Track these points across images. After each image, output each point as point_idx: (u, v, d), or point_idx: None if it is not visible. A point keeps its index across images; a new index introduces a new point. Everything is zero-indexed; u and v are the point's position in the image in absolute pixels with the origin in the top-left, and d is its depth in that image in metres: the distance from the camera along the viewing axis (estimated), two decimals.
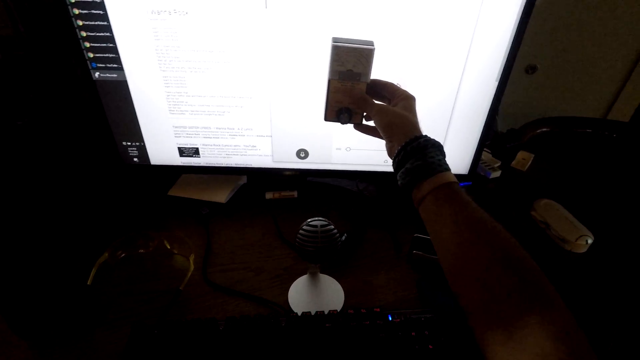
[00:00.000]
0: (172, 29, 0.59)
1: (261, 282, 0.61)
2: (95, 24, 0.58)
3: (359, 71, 0.46)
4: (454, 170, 0.72)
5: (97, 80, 0.64)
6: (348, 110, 0.49)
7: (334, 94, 0.48)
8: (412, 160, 0.41)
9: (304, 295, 0.58)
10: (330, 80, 0.47)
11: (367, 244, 0.69)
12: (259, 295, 0.59)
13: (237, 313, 0.56)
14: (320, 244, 0.50)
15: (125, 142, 0.71)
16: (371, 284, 0.62)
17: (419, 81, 0.63)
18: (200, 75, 0.63)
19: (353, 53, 0.45)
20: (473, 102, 0.66)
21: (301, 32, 0.59)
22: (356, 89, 0.47)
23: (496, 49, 0.61)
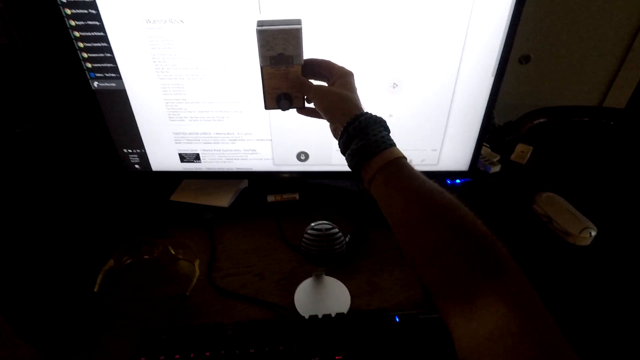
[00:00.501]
0: (168, 37, 0.59)
1: (266, 285, 0.62)
2: (91, 34, 0.58)
3: (290, 53, 0.44)
4: (454, 166, 0.74)
5: (96, 90, 0.64)
6: (287, 95, 0.47)
7: (268, 80, 0.46)
8: (356, 140, 0.40)
9: (310, 298, 0.59)
10: (263, 67, 0.45)
11: (371, 244, 0.69)
12: (264, 299, 0.59)
13: (243, 317, 0.56)
14: (326, 247, 0.50)
15: (126, 150, 0.71)
16: (376, 285, 0.62)
17: (415, 79, 0.64)
18: (198, 82, 0.63)
19: (280, 35, 0.43)
20: (470, 97, 0.66)
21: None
22: (291, 72, 0.45)
23: (490, 43, 0.61)
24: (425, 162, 0.73)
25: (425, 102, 0.66)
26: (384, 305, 0.59)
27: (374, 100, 0.65)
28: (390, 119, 0.66)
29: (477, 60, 0.62)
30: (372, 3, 0.56)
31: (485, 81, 0.64)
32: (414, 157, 0.73)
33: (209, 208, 0.76)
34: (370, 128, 0.40)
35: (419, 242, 0.35)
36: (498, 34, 0.60)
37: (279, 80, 0.46)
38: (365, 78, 0.63)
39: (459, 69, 0.63)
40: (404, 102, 0.66)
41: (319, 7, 0.57)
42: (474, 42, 0.60)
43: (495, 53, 0.62)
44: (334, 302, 0.58)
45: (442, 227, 0.33)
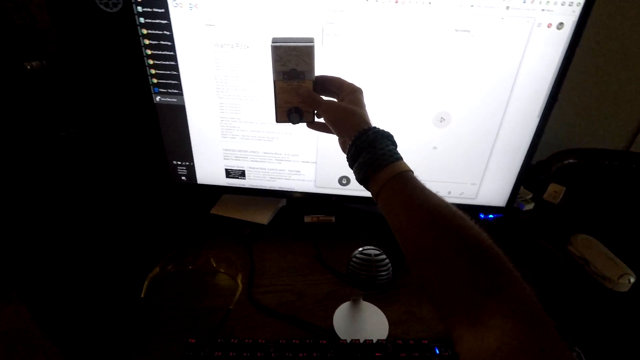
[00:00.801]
0: (233, 60, 0.62)
1: (304, 305, 0.63)
2: (162, 53, 0.62)
3: (302, 69, 0.46)
4: (491, 202, 0.75)
5: (157, 104, 0.67)
6: (298, 109, 0.48)
7: (280, 94, 0.48)
8: (364, 153, 0.41)
9: (349, 322, 0.60)
10: (275, 81, 0.47)
11: (406, 273, 0.70)
12: (303, 319, 0.60)
13: (283, 336, 0.57)
14: (374, 272, 0.52)
15: (175, 161, 0.74)
16: (414, 315, 0.62)
17: (462, 115, 0.66)
18: (254, 104, 0.66)
19: (293, 52, 0.45)
20: (514, 136, 0.68)
21: (353, 66, 0.62)
22: (302, 88, 0.47)
23: (539, 85, 0.63)
24: (464, 195, 0.75)
25: (470, 137, 0.68)
26: (421, 335, 0.59)
27: (420, 132, 0.67)
28: (435, 151, 0.69)
29: (524, 101, 0.64)
30: (429, 41, 0.59)
31: (530, 121, 0.66)
32: (453, 190, 0.74)
33: (247, 224, 0.77)
34: (378, 142, 0.41)
35: (424, 255, 0.35)
36: (547, 78, 0.62)
37: (290, 95, 0.47)
38: (413, 110, 0.65)
39: (506, 107, 0.65)
40: (450, 136, 0.68)
41: (377, 41, 0.60)
42: (523, 83, 0.63)
43: (543, 95, 0.64)
44: (372, 328, 0.59)
45: (446, 240, 0.33)
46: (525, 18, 0.58)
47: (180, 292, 0.63)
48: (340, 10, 0.58)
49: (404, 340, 0.54)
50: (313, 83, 0.47)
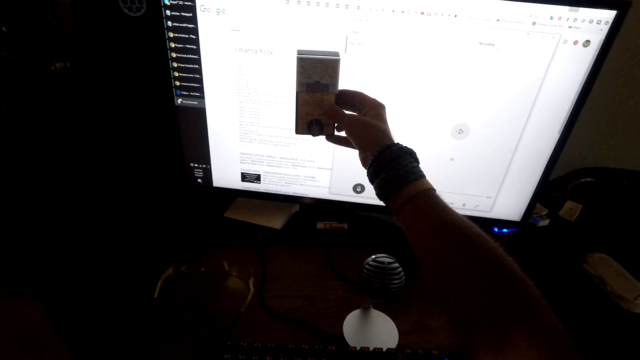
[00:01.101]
0: (255, 65, 0.63)
1: (315, 311, 0.63)
2: (186, 56, 0.64)
3: (326, 82, 0.46)
4: (506, 216, 0.75)
5: (178, 106, 0.69)
6: (319, 122, 0.48)
7: (302, 106, 0.48)
8: (387, 169, 0.41)
9: (359, 329, 0.59)
10: (298, 92, 0.47)
11: (419, 283, 0.70)
12: (313, 324, 0.60)
13: (293, 341, 0.57)
14: (387, 280, 0.51)
15: (192, 164, 0.75)
16: (424, 325, 0.62)
17: (481, 128, 0.66)
18: (274, 109, 0.67)
19: (319, 64, 0.45)
20: (533, 152, 0.68)
21: (375, 75, 0.62)
22: (325, 100, 0.47)
23: (561, 103, 0.63)
24: (479, 207, 0.74)
25: (488, 150, 0.68)
26: (431, 346, 0.59)
27: (437, 143, 0.67)
28: (451, 162, 0.69)
29: (545, 117, 0.64)
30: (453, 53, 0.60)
31: (550, 138, 0.66)
32: (468, 202, 0.74)
33: (260, 228, 0.78)
34: (401, 158, 0.41)
35: (447, 275, 0.35)
36: (570, 95, 0.62)
37: (312, 107, 0.48)
38: (432, 121, 0.66)
39: (526, 123, 0.65)
40: (467, 148, 0.68)
41: (401, 51, 0.60)
42: (545, 99, 0.62)
43: (564, 112, 0.63)
44: (382, 337, 0.58)
45: (471, 262, 0.33)
46: (552, 34, 0.58)
47: (192, 294, 0.64)
48: (366, 20, 0.59)
49: (414, 350, 0.53)
50: (335, 96, 0.47)
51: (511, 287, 0.31)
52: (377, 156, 0.42)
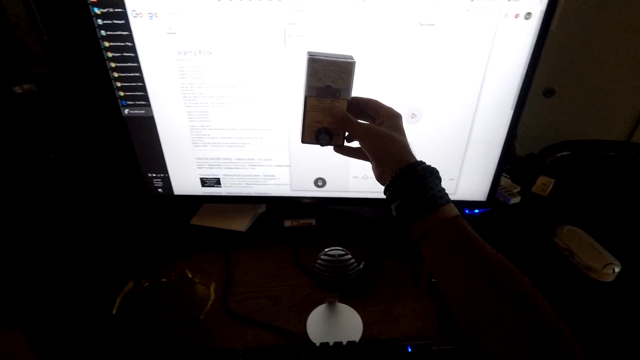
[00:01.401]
0: (197, 67, 0.62)
1: (279, 311, 0.62)
2: (126, 65, 0.62)
3: (338, 87, 0.42)
4: (472, 196, 0.74)
5: (126, 117, 0.68)
6: (328, 131, 0.44)
7: (311, 112, 0.43)
8: (411, 191, 0.38)
9: (322, 325, 0.58)
10: (307, 97, 0.42)
11: (386, 272, 0.69)
12: (277, 325, 0.59)
13: (256, 343, 0.56)
14: (338, 273, 0.51)
15: (150, 174, 0.74)
16: (390, 314, 0.61)
17: (433, 111, 0.65)
18: (222, 110, 0.66)
19: (332, 67, 0.41)
20: (489, 130, 0.67)
21: None
22: (336, 107, 0.43)
23: (510, 77, 0.62)
24: None
25: (444, 133, 0.67)
26: (397, 334, 0.58)
27: None
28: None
29: (496, 93, 0.63)
30: (394, 36, 0.59)
31: (504, 114, 0.65)
32: None
33: (226, 232, 0.77)
34: (427, 179, 0.38)
35: (479, 310, 0.33)
36: (518, 70, 0.61)
37: (321, 114, 0.43)
38: None
39: (478, 101, 0.64)
40: (422, 132, 0.67)
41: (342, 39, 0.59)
42: (493, 76, 0.61)
43: (515, 87, 0.62)
44: (346, 330, 0.58)
45: (505, 297, 0.32)
46: (491, 9, 0.57)
47: (155, 306, 0.63)
48: (301, 10, 0.58)
49: (375, 340, 0.53)
50: (347, 104, 0.43)
51: (546, 328, 0.31)
52: (399, 175, 0.38)
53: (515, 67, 0.61)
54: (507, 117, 0.65)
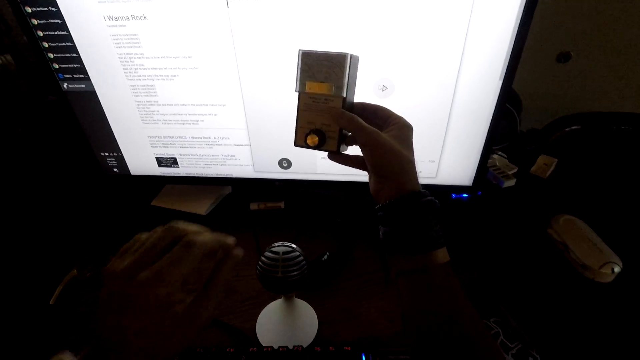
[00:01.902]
0: (133, 35, 0.55)
1: (232, 304, 0.57)
2: (55, 33, 0.55)
3: (332, 83, 0.38)
4: (455, 180, 0.66)
5: (66, 91, 0.61)
6: (320, 132, 0.39)
7: (303, 112, 0.39)
8: (406, 223, 0.35)
9: (274, 323, 0.53)
10: (300, 94, 0.39)
11: (355, 263, 0.63)
12: (227, 320, 0.54)
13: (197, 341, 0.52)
14: (280, 274, 0.44)
15: (103, 153, 0.68)
16: (351, 313, 0.55)
17: (407, 81, 0.56)
18: (168, 83, 0.59)
19: (324, 61, 0.37)
20: (473, 104, 0.57)
21: (270, 32, 0.53)
22: (331, 106, 0.38)
23: (498, 44, 0.52)
24: (422, 174, 0.65)
25: (420, 107, 0.58)
26: (356, 335, 0.52)
27: None
28: None
29: (481, 62, 0.53)
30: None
31: (491, 86, 0.56)
32: None
33: (186, 215, 0.72)
34: (427, 217, 0.35)
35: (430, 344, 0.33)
36: (506, 34, 0.51)
37: (314, 114, 0.39)
38: None
39: (459, 71, 0.54)
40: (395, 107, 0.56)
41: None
42: (476, 40, 0.52)
43: (503, 53, 0.53)
44: (298, 331, 0.52)
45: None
46: None
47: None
48: None
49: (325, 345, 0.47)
50: (344, 103, 0.38)
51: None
52: (399, 200, 0.35)
53: (502, 32, 0.51)
54: (494, 90, 0.56)
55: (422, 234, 0.34)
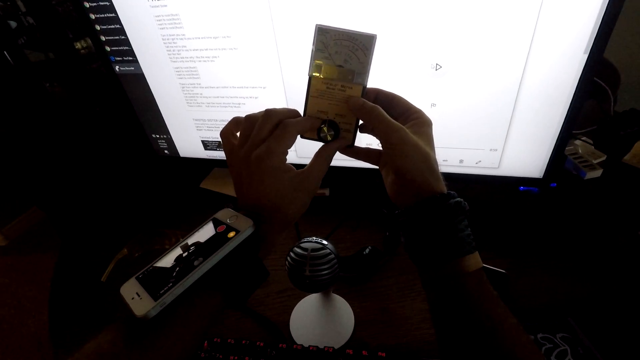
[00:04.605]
0: (174, 15, 0.53)
1: (267, 295, 0.56)
2: (105, 16, 0.56)
3: (352, 68, 0.32)
4: (522, 172, 0.57)
5: (119, 74, 0.63)
6: (333, 124, 0.34)
7: (315, 99, 0.34)
8: (433, 228, 0.31)
9: (308, 319, 0.51)
10: (311, 77, 0.33)
11: (398, 261, 0.58)
12: (262, 312, 0.53)
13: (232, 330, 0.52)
14: (309, 272, 0.41)
15: (154, 135, 0.70)
16: (391, 314, 0.51)
17: (465, 58, 0.48)
18: (210, 65, 0.57)
19: (346, 41, 0.32)
20: (549, 83, 0.48)
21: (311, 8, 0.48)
22: (348, 95, 0.33)
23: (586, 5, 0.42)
24: (482, 164, 0.57)
25: (481, 88, 0.50)
26: (393, 340, 0.48)
27: (409, 86, 0.52)
28: (433, 109, 0.53)
29: (560, 29, 0.44)
30: None
31: (574, 61, 0.46)
32: (466, 158, 0.57)
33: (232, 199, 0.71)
34: (457, 218, 0.31)
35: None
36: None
37: (327, 102, 0.34)
38: (395, 56, 0.50)
39: (532, 42, 0.45)
40: (451, 87, 0.51)
41: None
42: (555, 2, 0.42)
43: (592, 19, 0.43)
44: (333, 329, 0.49)
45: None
46: None
47: None
48: None
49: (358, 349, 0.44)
50: (363, 91, 0.33)
51: None
52: (424, 203, 0.31)
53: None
54: (578, 65, 0.46)
55: (451, 238, 0.30)
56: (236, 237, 0.28)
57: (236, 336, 0.48)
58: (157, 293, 0.25)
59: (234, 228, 0.29)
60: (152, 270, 0.28)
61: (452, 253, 0.30)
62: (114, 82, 0.64)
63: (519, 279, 0.53)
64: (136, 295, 0.26)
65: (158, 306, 0.25)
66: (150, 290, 0.26)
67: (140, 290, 0.26)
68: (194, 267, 0.27)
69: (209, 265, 0.27)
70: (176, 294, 0.26)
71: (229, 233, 0.28)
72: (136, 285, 0.27)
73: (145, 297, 0.25)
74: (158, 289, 0.26)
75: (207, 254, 0.27)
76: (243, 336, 0.48)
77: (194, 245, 0.29)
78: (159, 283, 0.26)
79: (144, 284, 0.27)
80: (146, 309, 0.25)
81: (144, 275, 0.28)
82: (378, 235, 0.62)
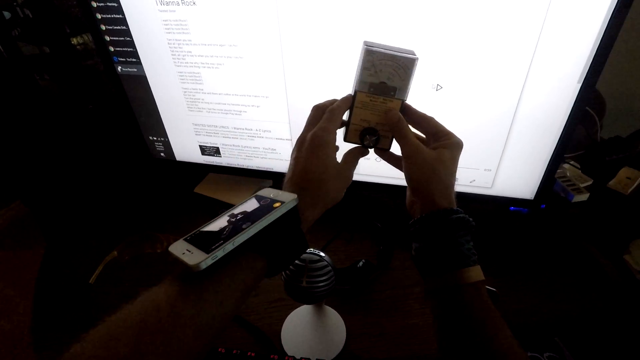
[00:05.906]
0: (182, 21, 0.54)
1: (259, 304, 0.55)
2: (112, 17, 0.56)
3: (394, 85, 0.36)
4: (514, 192, 0.59)
5: (120, 75, 0.63)
6: (374, 131, 0.38)
7: (359, 110, 0.38)
8: (437, 240, 0.33)
9: (300, 330, 0.51)
10: (357, 92, 0.37)
11: (392, 274, 0.58)
12: (254, 321, 0.53)
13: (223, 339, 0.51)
14: (306, 283, 0.42)
15: (151, 137, 0.70)
16: (383, 328, 0.51)
17: (465, 81, 0.50)
18: (214, 72, 0.58)
19: (390, 62, 0.35)
20: (544, 109, 0.50)
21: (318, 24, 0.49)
22: (389, 107, 0.37)
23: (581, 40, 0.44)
24: (475, 183, 0.59)
25: (479, 111, 0.52)
26: (384, 354, 0.48)
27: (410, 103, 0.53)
28: None
29: (557, 59, 0.46)
30: None
31: (568, 89, 0.48)
32: (460, 175, 0.58)
33: (225, 205, 0.71)
34: (459, 232, 0.33)
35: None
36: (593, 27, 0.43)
37: (370, 113, 0.38)
38: None
39: (529, 69, 0.47)
40: (450, 108, 0.52)
41: None
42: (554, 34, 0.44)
43: (586, 52, 0.45)
44: (325, 341, 0.49)
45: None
46: None
47: (138, 278, 0.60)
48: None
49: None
50: (402, 106, 0.37)
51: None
52: (429, 216, 0.34)
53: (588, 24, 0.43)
54: (571, 93, 0.48)
55: (452, 251, 0.33)
56: (282, 206, 0.30)
57: (227, 345, 0.47)
58: (209, 248, 0.26)
59: (279, 200, 0.30)
60: (200, 233, 0.29)
61: (452, 264, 0.32)
62: (114, 81, 0.64)
63: (508, 297, 0.54)
64: (187, 251, 0.27)
65: (210, 259, 0.26)
66: (201, 247, 0.27)
67: (190, 247, 0.27)
68: (243, 229, 0.28)
69: (257, 228, 0.28)
70: (227, 249, 0.27)
71: (274, 204, 0.30)
72: (185, 244, 0.28)
73: (196, 252, 0.27)
74: (209, 245, 0.27)
75: (254, 220, 0.29)
76: (234, 346, 0.47)
77: (241, 213, 0.30)
78: (209, 241, 0.27)
79: (194, 243, 0.28)
80: (199, 260, 0.25)
81: (192, 237, 0.29)
82: (372, 249, 0.62)
